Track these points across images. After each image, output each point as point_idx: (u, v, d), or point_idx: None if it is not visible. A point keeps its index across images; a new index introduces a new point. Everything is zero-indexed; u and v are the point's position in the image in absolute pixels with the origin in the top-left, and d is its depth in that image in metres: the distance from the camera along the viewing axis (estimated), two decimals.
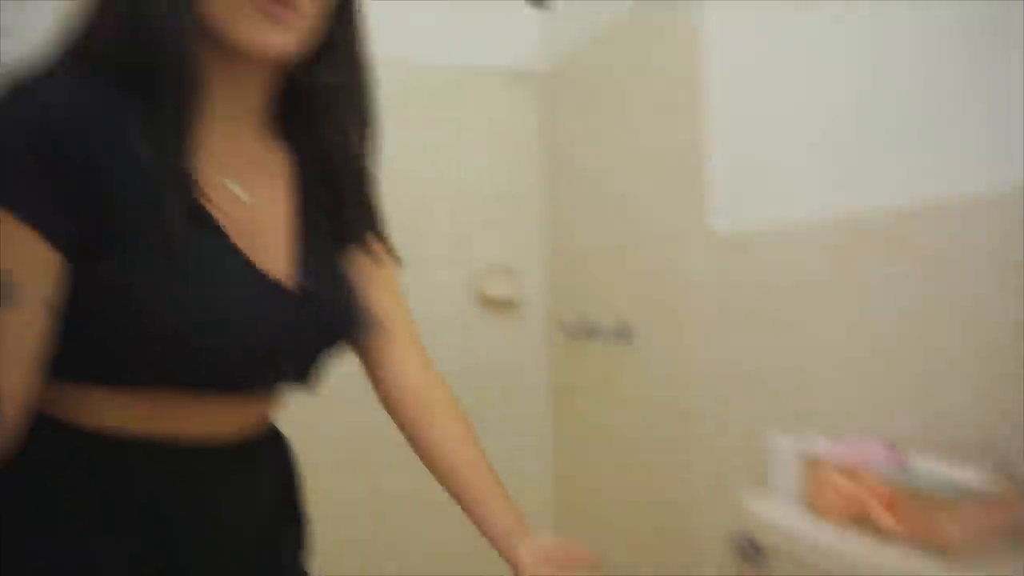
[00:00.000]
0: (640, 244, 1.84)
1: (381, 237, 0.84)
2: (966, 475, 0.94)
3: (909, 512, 0.92)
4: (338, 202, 0.78)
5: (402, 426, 0.86)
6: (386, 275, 0.86)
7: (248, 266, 0.66)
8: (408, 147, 2.10)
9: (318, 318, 0.73)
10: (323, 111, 0.75)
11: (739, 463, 1.47)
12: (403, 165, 2.05)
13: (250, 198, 0.69)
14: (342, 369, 0.86)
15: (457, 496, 0.81)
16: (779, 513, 1.09)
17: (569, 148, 2.24)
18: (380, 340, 0.84)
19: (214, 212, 0.64)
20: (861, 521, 1.00)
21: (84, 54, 0.61)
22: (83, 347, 0.61)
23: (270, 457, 0.78)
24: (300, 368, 0.74)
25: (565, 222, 2.27)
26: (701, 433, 1.59)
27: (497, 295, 2.28)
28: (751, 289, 1.45)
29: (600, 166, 2.03)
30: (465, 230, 2.30)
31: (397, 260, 0.87)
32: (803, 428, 1.29)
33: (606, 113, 2.00)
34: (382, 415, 0.88)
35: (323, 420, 1.93)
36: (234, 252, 0.65)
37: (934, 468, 0.97)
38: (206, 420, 0.68)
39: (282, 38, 0.63)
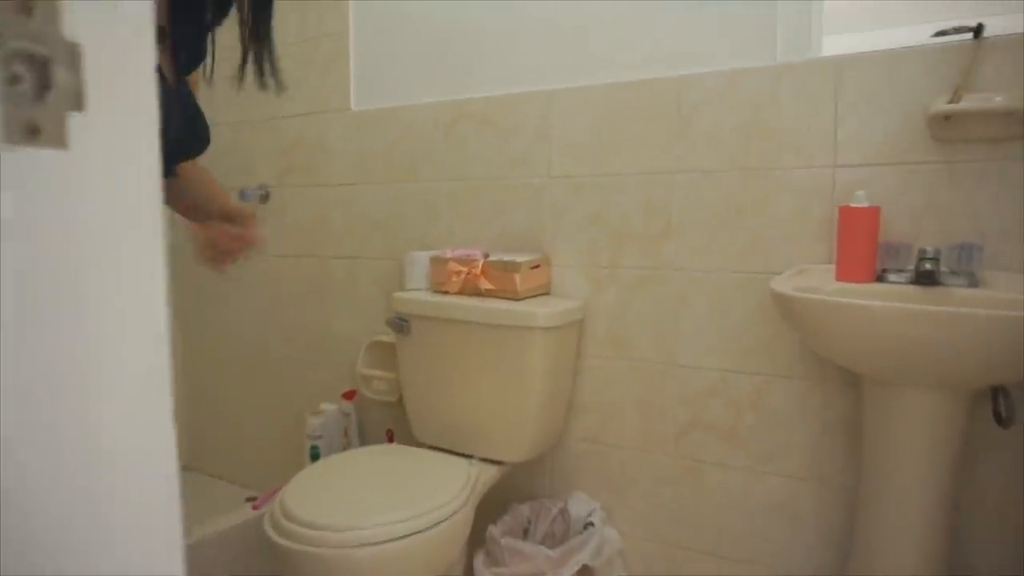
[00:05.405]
0: (285, 119, 2.15)
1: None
2: (523, 256, 1.60)
3: (496, 276, 1.55)
4: None
5: None
6: None
7: None
8: None
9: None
10: None
11: (378, 283, 1.98)
12: None
13: None
14: None
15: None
16: (415, 295, 1.64)
17: None
18: None
19: None
20: (469, 289, 1.60)
21: None
22: None
23: None
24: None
25: None
26: (342, 268, 2.05)
27: None
28: (381, 153, 1.93)
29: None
30: None
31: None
32: (424, 248, 1.86)
33: None
34: None
35: None
36: None
37: (507, 255, 1.62)
38: None
39: None
